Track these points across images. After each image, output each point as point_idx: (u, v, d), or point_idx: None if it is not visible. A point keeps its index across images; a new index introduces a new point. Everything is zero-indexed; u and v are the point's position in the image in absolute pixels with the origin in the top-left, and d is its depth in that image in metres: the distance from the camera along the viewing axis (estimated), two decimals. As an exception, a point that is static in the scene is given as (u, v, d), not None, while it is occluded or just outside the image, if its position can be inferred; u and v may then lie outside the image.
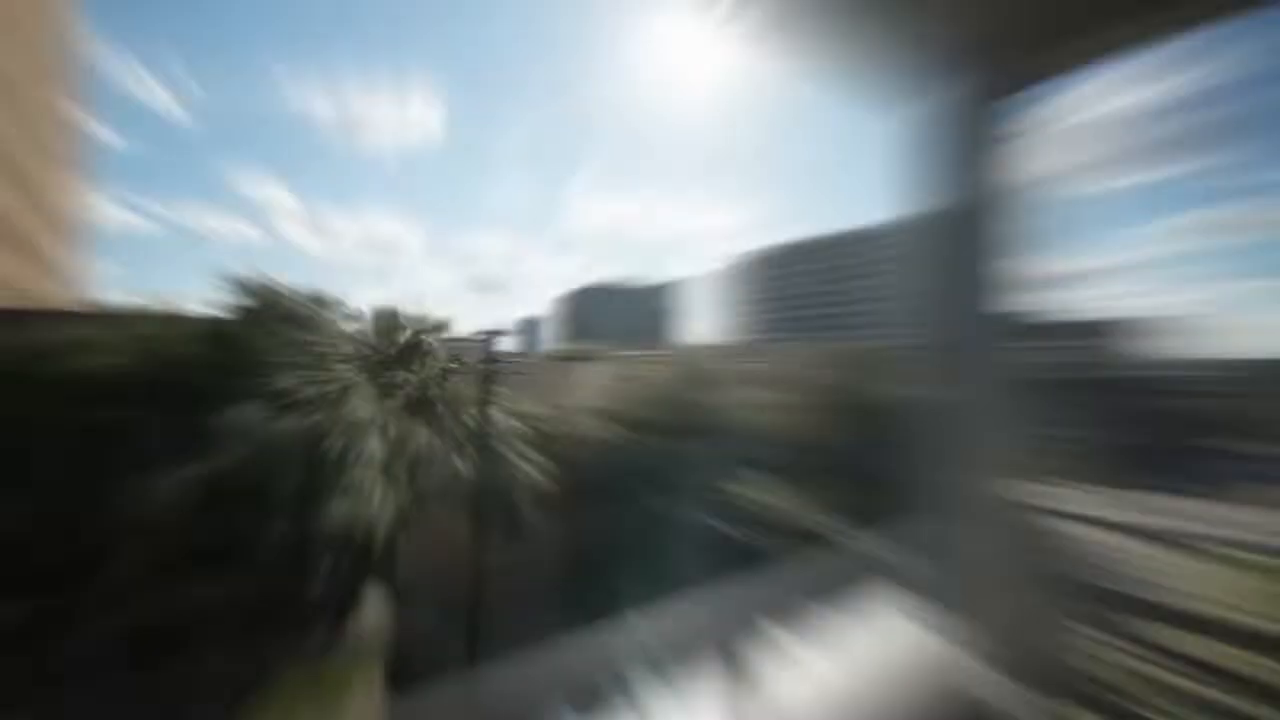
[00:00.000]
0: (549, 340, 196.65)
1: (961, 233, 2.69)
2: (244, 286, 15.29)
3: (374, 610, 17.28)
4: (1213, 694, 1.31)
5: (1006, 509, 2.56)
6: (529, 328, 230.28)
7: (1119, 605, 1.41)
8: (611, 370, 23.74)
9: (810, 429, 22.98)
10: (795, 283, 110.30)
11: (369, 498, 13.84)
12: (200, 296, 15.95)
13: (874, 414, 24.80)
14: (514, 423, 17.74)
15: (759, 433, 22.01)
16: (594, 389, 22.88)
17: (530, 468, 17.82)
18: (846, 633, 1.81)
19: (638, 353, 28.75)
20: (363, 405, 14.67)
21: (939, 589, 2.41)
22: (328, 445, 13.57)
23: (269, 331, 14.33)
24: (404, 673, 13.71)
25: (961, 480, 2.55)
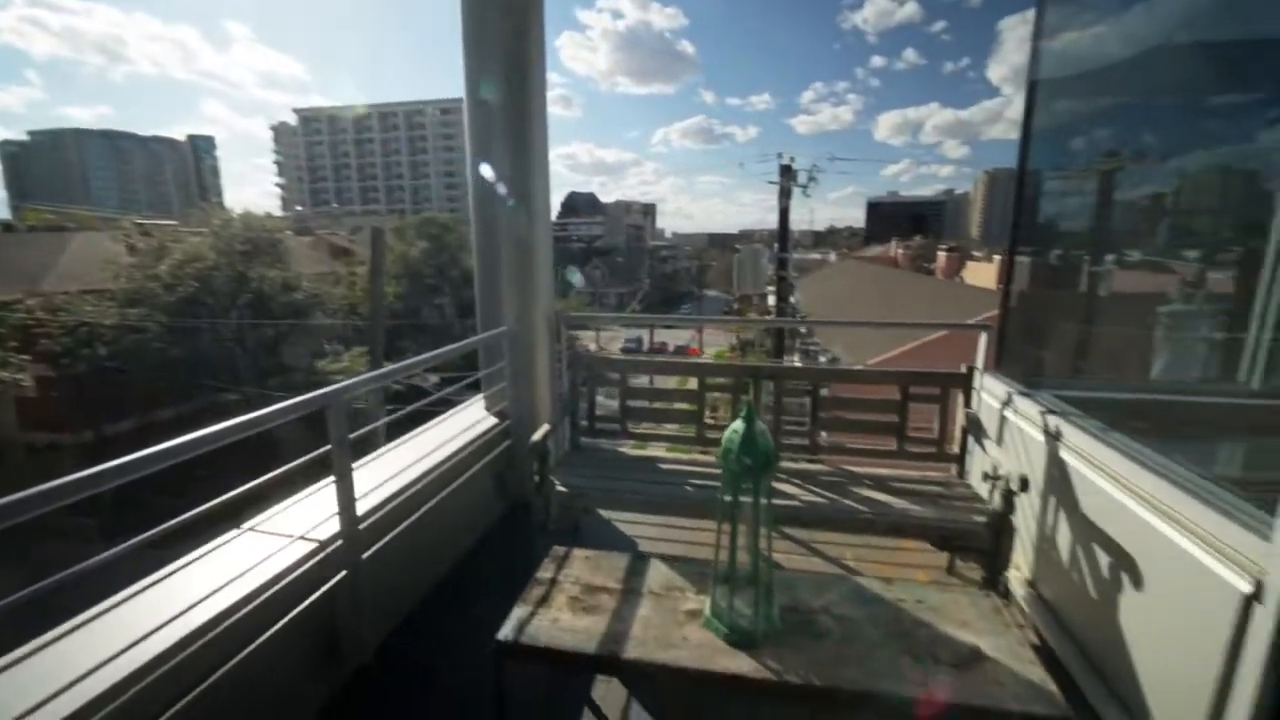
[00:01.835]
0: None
1: (500, 116, 3.00)
2: None
3: None
4: (657, 407, 3.13)
5: (547, 332, 3.35)
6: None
7: (620, 369, 2.78)
8: (125, 243, 18.67)
9: (393, 297, 23.71)
10: (364, 149, 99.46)
11: None
12: None
13: (452, 278, 27.02)
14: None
15: (334, 306, 21.52)
16: (98, 267, 17.79)
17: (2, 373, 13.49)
18: (435, 425, 2.70)
19: (163, 221, 22.96)
20: None
21: (502, 387, 3.26)
22: None
23: None
24: None
25: (515, 317, 3.19)
